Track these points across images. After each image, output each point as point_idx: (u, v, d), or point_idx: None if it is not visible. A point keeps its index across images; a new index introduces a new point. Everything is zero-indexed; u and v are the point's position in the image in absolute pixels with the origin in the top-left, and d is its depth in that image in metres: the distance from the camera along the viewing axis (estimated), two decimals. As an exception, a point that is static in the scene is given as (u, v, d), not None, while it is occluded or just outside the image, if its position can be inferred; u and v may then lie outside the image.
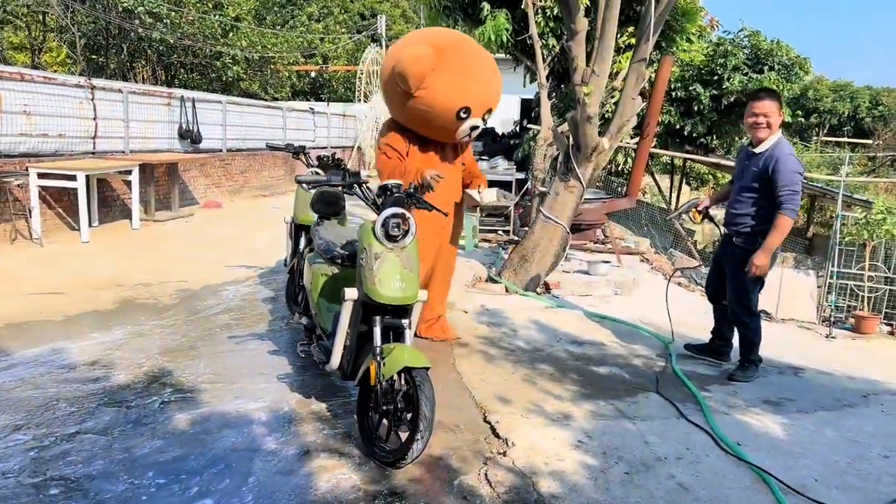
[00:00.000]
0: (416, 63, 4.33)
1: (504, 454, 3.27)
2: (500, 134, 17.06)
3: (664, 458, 3.30)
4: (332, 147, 18.68)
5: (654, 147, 11.48)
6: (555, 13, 9.04)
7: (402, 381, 3.15)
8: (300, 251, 5.41)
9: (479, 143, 12.41)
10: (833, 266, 9.44)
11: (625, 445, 3.42)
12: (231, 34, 18.82)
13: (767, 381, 4.69)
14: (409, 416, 3.10)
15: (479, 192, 4.76)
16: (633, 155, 10.87)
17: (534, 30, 8.79)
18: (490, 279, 6.74)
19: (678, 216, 4.97)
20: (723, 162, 13.56)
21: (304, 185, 3.61)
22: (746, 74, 12.39)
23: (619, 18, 6.00)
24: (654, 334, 5.57)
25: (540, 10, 9.04)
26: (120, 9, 16.28)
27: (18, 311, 5.36)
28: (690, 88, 12.96)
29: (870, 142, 31.77)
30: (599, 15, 6.19)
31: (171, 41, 17.13)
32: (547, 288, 6.84)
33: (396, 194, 3.39)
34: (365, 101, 19.66)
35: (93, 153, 9.71)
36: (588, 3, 8.45)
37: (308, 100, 24.84)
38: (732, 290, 4.68)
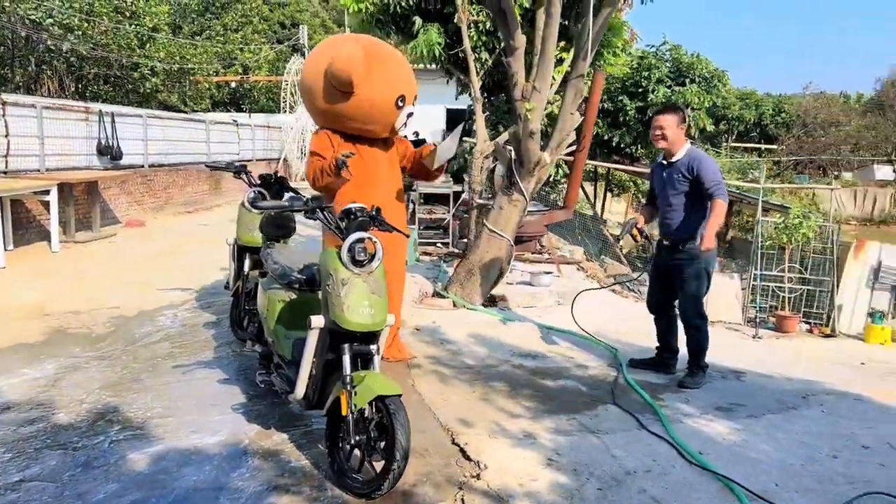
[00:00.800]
0: (352, 62, 4.44)
1: (477, 477, 3.25)
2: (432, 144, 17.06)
3: (633, 472, 3.36)
4: (257, 160, 18.28)
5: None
6: (487, 27, 9.13)
7: (374, 410, 3.08)
8: (244, 274, 5.25)
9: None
10: (756, 269, 9.89)
11: (593, 461, 3.46)
12: (148, 45, 18.14)
13: (714, 387, 4.85)
14: (382, 445, 3.04)
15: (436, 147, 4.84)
16: (565, 167, 11.12)
17: (467, 44, 8.84)
18: (437, 294, 6.72)
19: (622, 236, 5.19)
20: (645, 171, 14.01)
21: (272, 212, 3.49)
22: (670, 87, 12.93)
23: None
24: (601, 344, 5.68)
25: (472, 25, 9.11)
26: (27, 21, 15.44)
27: (-64, 347, 4.98)
28: (617, 100, 13.40)
29: (775, 147, 33.58)
30: (538, 32, 6.31)
31: (84, 52, 16.36)
32: (493, 301, 6.88)
33: (360, 218, 3.33)
34: (290, 112, 19.32)
35: (4, 173, 9.15)
36: (520, 18, 8.59)
37: (228, 111, 24.24)
38: (685, 295, 4.82)
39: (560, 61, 9.96)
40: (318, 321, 3.22)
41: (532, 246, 8.54)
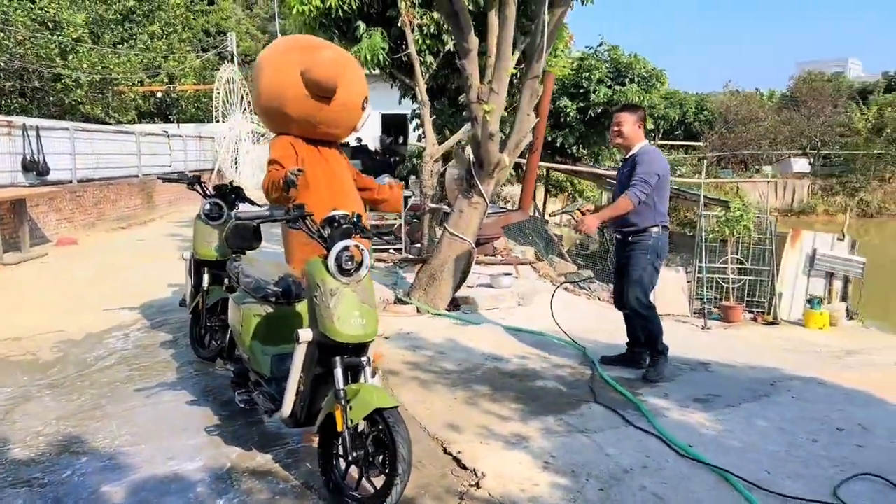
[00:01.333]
0: (336, 67, 4.39)
1: (477, 486, 3.18)
2: (374, 150, 16.92)
3: (630, 470, 3.35)
4: (190, 171, 17.69)
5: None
6: (431, 31, 9.10)
7: (370, 424, 2.97)
8: (204, 289, 5.03)
9: (357, 161, 12.21)
10: (700, 262, 10.16)
11: (589, 461, 3.44)
12: (71, 56, 17.29)
13: (687, 379, 4.93)
14: (381, 459, 2.93)
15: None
16: (511, 168, 11.18)
17: (412, 47, 8.80)
18: (399, 300, 6.61)
19: (563, 212, 5.40)
20: (585, 169, 14.26)
21: (252, 222, 3.32)
22: (611, 87, 13.19)
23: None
24: (569, 343, 5.69)
25: (417, 28, 9.05)
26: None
27: None
28: (558, 102, 13.58)
29: (699, 144, 34.77)
30: (492, 34, 6.30)
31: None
32: (456, 305, 6.82)
33: (345, 225, 3.21)
34: (223, 121, 18.79)
35: (-78, 192, 8.55)
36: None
37: (155, 122, 23.43)
38: (630, 285, 4.89)
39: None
40: (305, 335, 3.09)
41: (489, 248, 8.54)
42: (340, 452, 3.03)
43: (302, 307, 3.77)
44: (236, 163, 19.37)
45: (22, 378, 4.76)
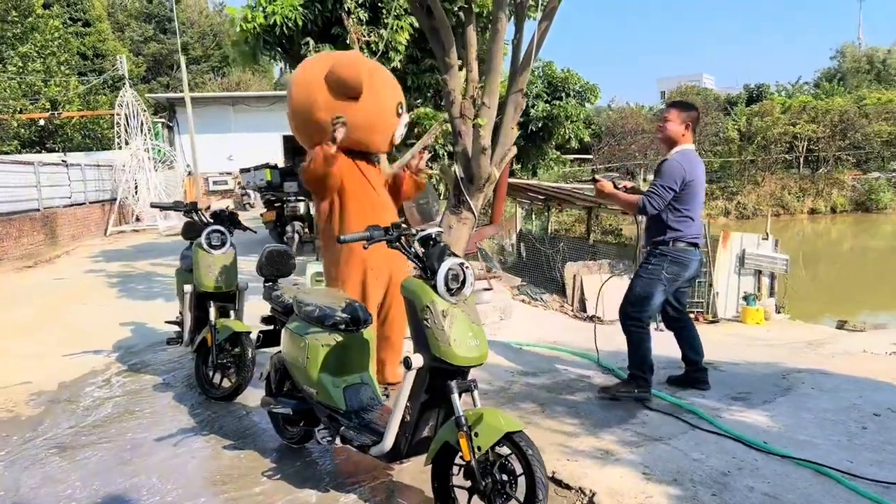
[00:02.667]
0: (358, 63, 4.38)
1: (595, 504, 3.09)
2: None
3: (728, 472, 3.36)
4: (90, 202, 16.49)
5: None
6: (380, 47, 8.95)
7: (493, 450, 2.82)
8: (213, 324, 4.65)
9: (293, 184, 11.78)
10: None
11: (682, 468, 3.42)
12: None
13: (709, 378, 5.02)
14: (510, 486, 2.78)
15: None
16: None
17: (361, 65, 8.62)
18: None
19: (597, 177, 4.86)
20: (519, 182, 14.40)
21: (365, 243, 3.07)
22: (549, 102, 13.48)
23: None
24: (580, 354, 5.70)
25: (365, 45, 8.88)
26: None
27: None
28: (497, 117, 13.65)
29: (591, 157, 36.27)
30: (471, 49, 6.27)
31: None
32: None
33: (442, 243, 3.05)
34: (126, 146, 17.61)
35: None
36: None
37: (39, 151, 21.66)
38: (626, 292, 4.61)
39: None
40: (417, 360, 2.90)
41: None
42: (464, 484, 2.86)
43: (368, 333, 3.56)
44: (136, 192, 18.21)
45: (12, 439, 4.20)
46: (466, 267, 2.99)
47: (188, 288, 4.85)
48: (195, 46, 48.37)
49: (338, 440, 3.31)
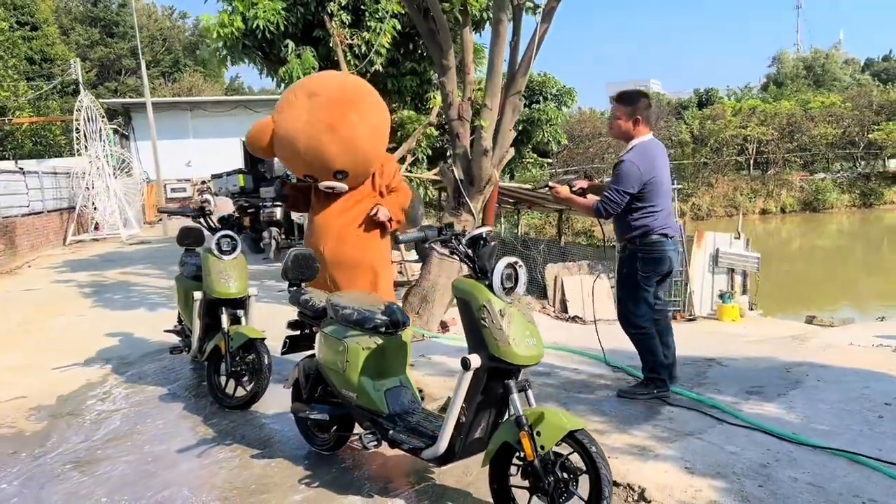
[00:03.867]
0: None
1: (648, 501, 3.10)
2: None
3: (766, 464, 3.42)
4: (48, 211, 15.93)
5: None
6: (363, 51, 8.88)
7: (553, 449, 2.81)
8: (226, 331, 4.54)
9: (269, 189, 11.58)
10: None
11: (721, 461, 3.47)
12: None
13: (718, 375, 5.13)
14: (572, 484, 2.77)
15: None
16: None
17: (344, 67, 8.55)
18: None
19: (551, 184, 4.69)
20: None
21: (438, 249, 3.02)
22: (527, 105, 13.56)
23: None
24: (585, 354, 5.74)
25: (347, 48, 8.80)
26: None
27: None
28: (476, 121, 13.64)
29: (550, 160, 36.64)
30: (467, 51, 6.30)
31: None
32: (445, 326, 6.65)
33: (492, 244, 3.04)
34: (86, 152, 17.04)
35: None
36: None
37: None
38: (617, 302, 4.57)
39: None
40: (475, 361, 2.87)
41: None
42: (522, 483, 2.84)
43: (407, 335, 3.53)
44: (92, 203, 17.65)
45: (21, 455, 4.02)
46: (520, 266, 2.97)
47: (198, 295, 4.71)
48: (145, 51, 47.28)
49: (383, 444, 3.26)
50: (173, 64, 49.32)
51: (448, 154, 12.32)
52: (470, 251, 3.03)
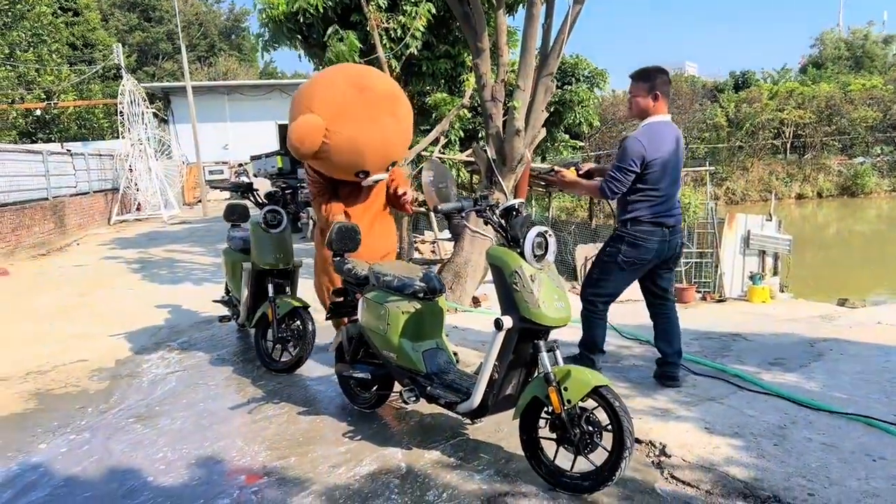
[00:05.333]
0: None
1: (668, 456, 3.32)
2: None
3: (783, 426, 3.61)
4: (94, 192, 16.50)
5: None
6: (398, 34, 9.09)
7: (579, 404, 3.03)
8: (273, 299, 4.83)
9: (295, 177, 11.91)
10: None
11: (740, 422, 3.66)
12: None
13: (741, 348, 5.29)
14: (595, 438, 2.99)
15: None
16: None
17: (380, 51, 8.76)
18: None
19: (561, 166, 4.53)
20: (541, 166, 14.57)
21: (471, 227, 3.27)
22: (560, 87, 13.69)
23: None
24: (613, 328, 5.92)
25: (384, 32, 9.02)
26: None
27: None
28: (509, 103, 13.79)
29: (581, 143, 36.52)
30: (501, 34, 6.47)
31: None
32: (476, 302, 6.89)
33: (524, 213, 3.26)
34: (128, 135, 17.58)
35: None
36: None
37: (35, 141, 21.57)
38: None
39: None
40: (507, 322, 3.10)
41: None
42: (550, 435, 3.08)
43: (442, 302, 3.77)
44: (133, 183, 18.19)
45: (87, 410, 4.36)
46: (549, 234, 3.19)
47: (247, 266, 5.02)
48: (181, 36, 47.95)
49: (421, 401, 3.52)
50: (209, 48, 50.01)
51: (480, 136, 12.55)
52: (503, 221, 3.26)
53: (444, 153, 10.65)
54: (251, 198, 5.19)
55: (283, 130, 26.86)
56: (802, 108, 36.72)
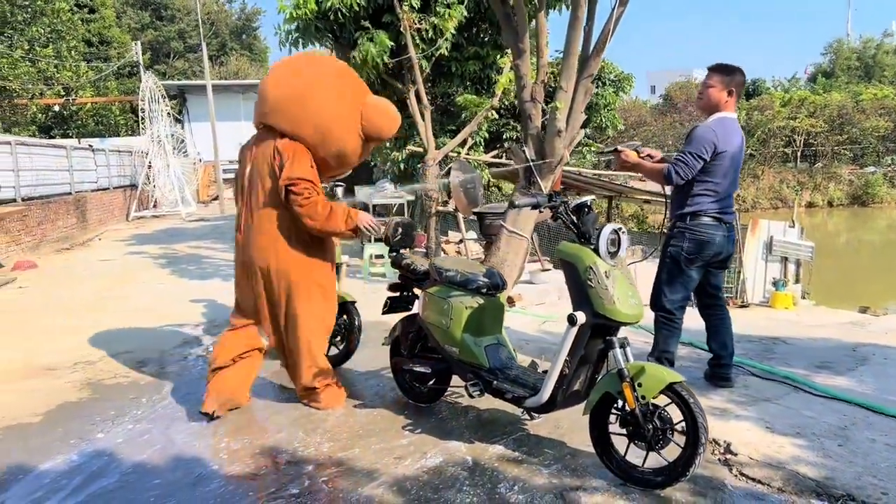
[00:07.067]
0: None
1: (734, 454, 3.34)
2: None
3: (844, 427, 3.63)
4: (114, 187, 16.57)
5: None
6: (430, 35, 9.13)
7: (651, 400, 3.05)
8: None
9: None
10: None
11: (800, 423, 3.68)
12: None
13: (785, 352, 5.31)
14: (668, 434, 3.01)
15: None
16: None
17: (412, 51, 8.80)
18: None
19: (619, 147, 4.33)
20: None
21: (508, 227, 3.30)
22: None
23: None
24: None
25: (416, 32, 9.05)
26: None
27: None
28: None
29: (601, 145, 36.57)
30: (542, 35, 6.50)
31: None
32: (511, 301, 6.91)
33: (595, 211, 3.29)
34: (147, 132, 17.67)
35: None
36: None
37: (52, 137, 21.68)
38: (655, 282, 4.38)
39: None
40: (581, 317, 3.12)
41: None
42: (621, 431, 3.10)
43: (503, 298, 3.80)
44: (150, 179, 18.27)
45: (141, 400, 4.40)
46: (623, 232, 3.22)
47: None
48: (192, 34, 48.16)
49: (486, 394, 3.54)
50: (220, 47, 50.19)
51: (504, 137, 12.58)
52: (574, 217, 3.28)
53: (470, 154, 10.68)
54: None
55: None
56: (814, 116, 36.73)
